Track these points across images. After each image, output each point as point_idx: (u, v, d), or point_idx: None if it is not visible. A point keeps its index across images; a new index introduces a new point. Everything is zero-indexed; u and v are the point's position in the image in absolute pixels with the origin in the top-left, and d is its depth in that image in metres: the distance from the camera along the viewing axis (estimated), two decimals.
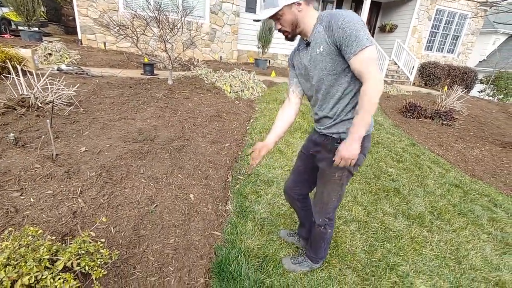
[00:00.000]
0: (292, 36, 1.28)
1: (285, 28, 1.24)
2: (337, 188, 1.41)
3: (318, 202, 1.51)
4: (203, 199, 2.18)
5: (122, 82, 4.15)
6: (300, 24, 1.22)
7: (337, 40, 1.11)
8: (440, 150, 4.29)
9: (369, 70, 1.08)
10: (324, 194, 1.45)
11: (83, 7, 6.46)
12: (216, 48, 8.14)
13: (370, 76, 1.09)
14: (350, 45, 1.08)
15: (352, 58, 1.10)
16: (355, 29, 1.07)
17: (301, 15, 1.21)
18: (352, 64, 1.12)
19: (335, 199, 1.46)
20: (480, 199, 3.08)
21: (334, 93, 1.26)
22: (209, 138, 3.12)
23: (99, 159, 2.20)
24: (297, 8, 1.19)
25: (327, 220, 1.53)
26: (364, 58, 1.08)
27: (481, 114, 6.91)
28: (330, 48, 1.16)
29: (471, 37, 12.38)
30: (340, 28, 1.09)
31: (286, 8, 1.18)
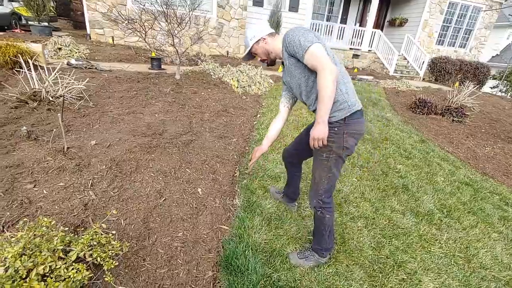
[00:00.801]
0: (270, 62, 1.63)
1: (262, 58, 1.62)
2: (326, 169, 1.54)
3: (312, 184, 1.66)
4: (211, 193, 2.19)
5: (131, 77, 4.17)
6: (270, 51, 1.57)
7: (291, 52, 1.41)
8: (450, 147, 4.22)
9: (316, 64, 1.30)
10: (316, 175, 1.60)
11: (92, 1, 6.49)
12: (223, 42, 8.10)
13: (318, 68, 1.30)
14: (298, 52, 1.35)
15: (304, 61, 1.36)
16: (296, 40, 1.34)
17: (269, 47, 1.56)
18: (307, 65, 1.37)
19: (325, 181, 1.57)
20: (491, 197, 3.02)
21: (312, 93, 1.49)
22: (217, 133, 3.13)
23: (109, 152, 2.23)
24: (263, 42, 1.56)
25: (321, 203, 1.61)
26: (309, 57, 1.31)
27: (493, 111, 6.74)
28: (291, 59, 1.46)
29: (485, 31, 12.02)
30: (288, 44, 1.39)
31: (255, 45, 1.57)
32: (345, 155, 1.51)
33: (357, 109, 1.45)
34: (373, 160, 3.32)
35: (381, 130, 4.35)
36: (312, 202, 1.66)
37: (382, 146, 3.77)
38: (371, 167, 3.16)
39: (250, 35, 1.57)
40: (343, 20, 11.93)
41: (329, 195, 1.62)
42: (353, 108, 1.43)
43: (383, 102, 5.91)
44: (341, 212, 2.31)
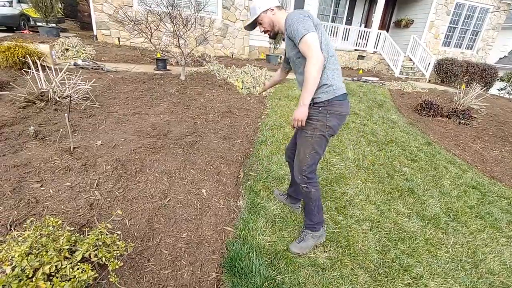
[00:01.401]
0: (273, 34, 1.71)
1: (266, 28, 1.67)
2: (310, 146, 1.66)
3: (296, 161, 1.77)
4: (215, 194, 2.19)
5: (136, 77, 4.21)
6: (275, 24, 1.64)
7: (289, 35, 1.51)
8: (457, 150, 4.16)
9: (306, 52, 1.43)
10: (301, 151, 1.71)
11: (99, 3, 6.56)
12: (228, 43, 8.12)
13: (308, 56, 1.43)
14: (295, 37, 1.46)
15: (298, 46, 1.47)
16: (295, 25, 1.44)
17: (275, 18, 1.63)
18: (300, 49, 1.47)
19: (308, 157, 1.68)
20: (499, 201, 2.97)
21: (301, 71, 1.57)
22: (221, 134, 3.13)
23: (114, 152, 2.25)
24: (271, 13, 1.63)
25: (306, 179, 1.72)
26: (303, 44, 1.43)
27: (501, 113, 6.64)
28: (290, 41, 1.56)
29: (492, 32, 11.87)
30: (288, 27, 1.49)
31: (263, 14, 1.63)
32: (328, 134, 1.64)
33: (341, 92, 1.59)
34: (378, 163, 3.29)
35: (387, 132, 4.31)
36: (297, 179, 1.77)
37: (388, 148, 3.74)
38: (376, 169, 3.13)
39: (259, 3, 1.61)
40: (348, 21, 11.87)
41: (312, 171, 1.74)
42: (337, 92, 1.57)
43: (388, 104, 5.87)
44: (346, 215, 2.29)
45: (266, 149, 3.10)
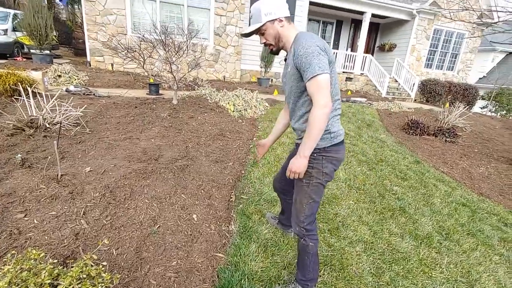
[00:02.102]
0: (276, 50, 1.42)
1: (269, 42, 1.39)
2: (306, 196, 1.47)
3: (293, 210, 1.58)
4: (206, 219, 2.16)
5: (128, 102, 4.25)
6: (282, 38, 1.38)
7: (298, 65, 1.28)
8: (445, 167, 4.25)
9: (316, 96, 1.23)
10: (297, 201, 1.53)
11: (93, 31, 6.76)
12: (220, 68, 8.36)
13: (315, 100, 1.23)
14: (305, 71, 1.24)
15: (307, 83, 1.26)
16: (309, 59, 1.22)
17: (283, 31, 1.36)
18: (307, 88, 1.27)
19: (306, 207, 1.49)
20: (489, 218, 3.01)
21: (297, 109, 1.44)
22: (213, 157, 3.13)
23: (103, 179, 2.21)
24: (279, 24, 1.35)
25: (304, 231, 1.53)
26: (313, 84, 1.23)
27: (484, 131, 6.89)
28: (294, 70, 1.32)
29: (470, 55, 12.60)
30: (299, 55, 1.25)
31: (269, 24, 1.34)
32: (325, 180, 1.46)
33: (340, 140, 1.44)
34: (369, 182, 3.32)
35: (376, 151, 4.39)
36: (295, 229, 1.58)
37: (378, 167, 3.79)
38: (367, 189, 3.15)
39: (266, 9, 1.31)
40: (335, 45, 12.48)
41: (311, 222, 1.53)
42: (336, 139, 1.42)
43: (376, 124, 6.03)
44: (338, 237, 2.27)
45: (258, 171, 3.10)
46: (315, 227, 1.57)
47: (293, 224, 1.59)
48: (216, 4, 7.70)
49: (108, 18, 6.78)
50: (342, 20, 12.20)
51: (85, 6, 6.56)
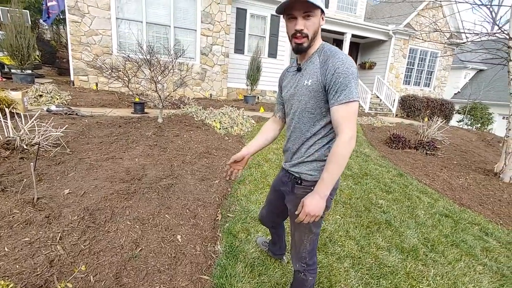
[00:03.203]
0: (307, 45, 1.16)
1: (307, 32, 1.12)
2: (307, 232, 1.31)
3: (292, 245, 1.43)
4: (191, 240, 2.10)
5: (112, 122, 4.18)
6: (317, 35, 1.17)
7: (328, 81, 1.09)
8: (427, 179, 4.37)
9: (347, 124, 1.07)
10: (296, 236, 1.38)
11: (78, 51, 6.74)
12: (206, 86, 8.45)
13: (349, 131, 1.06)
14: (339, 93, 1.07)
15: (336, 106, 1.08)
16: (349, 79, 1.07)
17: (319, 30, 1.17)
18: (334, 112, 1.09)
19: (307, 243, 1.35)
20: (471, 228, 3.08)
21: (304, 131, 1.23)
22: (198, 175, 3.10)
23: (82, 201, 2.13)
24: (321, 20, 1.15)
25: (305, 266, 1.39)
26: (347, 111, 1.07)
27: (462, 143, 7.20)
28: (318, 86, 1.13)
29: (444, 72, 13.40)
30: (336, 72, 1.07)
31: (320, 12, 1.12)
32: (325, 213, 1.27)
33: None
34: (355, 196, 3.36)
35: (361, 165, 4.48)
36: (295, 266, 1.44)
37: (363, 181, 3.85)
38: (353, 203, 3.18)
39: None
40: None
41: (313, 255, 1.41)
42: None
43: (360, 138, 6.19)
44: (326, 253, 2.25)
45: (245, 188, 3.08)
46: (316, 259, 1.44)
47: (293, 261, 1.44)
48: (203, 25, 7.91)
49: (94, 38, 6.81)
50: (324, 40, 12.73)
51: (70, 27, 6.57)
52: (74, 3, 6.47)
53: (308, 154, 1.24)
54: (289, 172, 1.34)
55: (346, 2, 12.16)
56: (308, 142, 1.23)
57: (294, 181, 1.30)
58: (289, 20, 1.13)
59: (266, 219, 1.76)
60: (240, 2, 8.78)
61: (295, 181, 1.30)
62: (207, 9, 7.86)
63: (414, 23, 11.67)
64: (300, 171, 1.27)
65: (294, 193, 1.31)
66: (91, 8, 6.64)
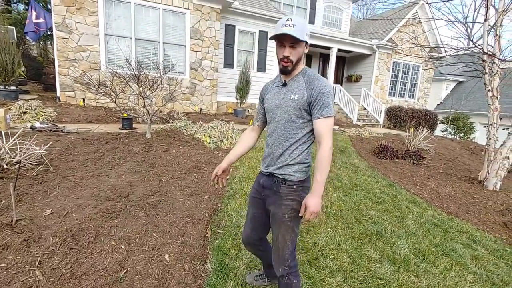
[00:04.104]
0: (291, 69, 1.40)
1: (292, 58, 1.36)
2: (289, 230, 1.44)
3: (275, 252, 1.51)
4: (180, 259, 2.03)
5: (99, 138, 4.10)
6: (300, 62, 1.41)
7: (313, 99, 1.34)
8: (415, 189, 4.44)
9: (328, 135, 1.34)
10: (280, 240, 1.46)
11: (65, 67, 6.67)
12: (196, 100, 8.47)
13: (324, 139, 1.33)
14: (322, 108, 1.34)
15: (319, 120, 1.34)
16: (329, 99, 1.35)
17: (302, 57, 1.40)
18: (317, 124, 1.35)
19: (289, 243, 1.46)
20: (460, 236, 3.11)
21: (289, 137, 1.42)
22: (187, 191, 3.04)
23: (65, 222, 2.05)
24: (304, 49, 1.39)
25: (287, 269, 1.47)
26: (328, 124, 1.34)
27: (447, 152, 7.40)
28: (303, 100, 1.36)
29: (426, 84, 13.94)
30: (321, 92, 1.33)
31: (304, 44, 1.36)
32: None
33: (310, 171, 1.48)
34: (345, 208, 3.36)
35: (350, 176, 4.52)
36: (278, 272, 1.49)
37: (353, 192, 3.87)
38: (344, 215, 3.18)
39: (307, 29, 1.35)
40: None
41: (293, 257, 1.50)
42: (309, 172, 1.48)
43: (349, 149, 6.27)
44: (318, 267, 2.22)
45: (235, 202, 3.04)
46: (296, 263, 1.53)
47: (276, 266, 1.50)
48: (192, 41, 8.03)
49: (81, 54, 6.78)
50: (311, 54, 13.15)
51: (57, 43, 6.54)
52: (62, 20, 6.47)
53: (292, 158, 1.42)
54: (273, 175, 1.47)
55: (331, 18, 12.67)
56: (291, 147, 1.42)
57: (279, 181, 1.44)
58: (279, 46, 1.37)
59: (252, 239, 1.68)
60: (229, 18, 9.00)
61: (280, 181, 1.44)
62: (196, 26, 8.00)
63: (395, 38, 12.21)
64: (284, 172, 1.43)
65: (279, 193, 1.44)
66: (79, 25, 6.65)
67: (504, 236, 3.32)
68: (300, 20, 1.32)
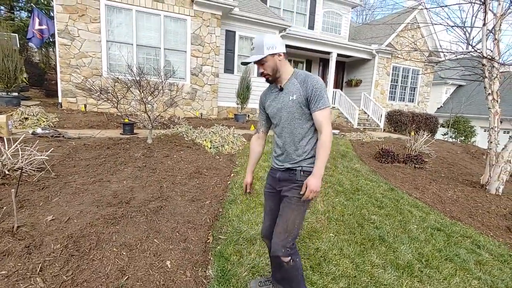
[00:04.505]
0: (272, 79, 1.58)
1: (267, 72, 1.54)
2: (300, 214, 1.59)
3: (281, 234, 1.57)
4: (181, 265, 2.02)
5: (100, 143, 4.11)
6: (279, 70, 1.55)
7: (309, 95, 1.49)
8: (417, 193, 4.42)
9: (326, 123, 1.48)
10: (289, 221, 1.56)
11: (66, 74, 6.72)
12: (197, 105, 8.51)
13: (324, 128, 1.48)
14: (318, 101, 1.48)
15: (317, 112, 1.49)
16: (323, 92, 1.49)
17: (281, 64, 1.54)
18: (316, 116, 1.50)
19: (297, 226, 1.58)
20: (463, 241, 3.09)
21: (297, 134, 1.57)
22: (189, 196, 3.04)
23: (66, 228, 2.04)
24: (278, 58, 1.52)
25: (289, 250, 1.56)
26: (325, 114, 1.49)
27: (448, 156, 7.39)
28: (302, 98, 1.51)
29: (426, 88, 13.98)
30: (314, 88, 1.48)
31: (270, 57, 1.50)
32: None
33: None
34: (347, 213, 3.34)
35: (352, 181, 4.50)
36: (280, 252, 1.54)
37: (355, 197, 3.86)
38: (346, 219, 3.16)
39: (269, 42, 1.48)
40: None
41: (295, 241, 1.64)
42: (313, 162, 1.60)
43: (350, 154, 6.26)
44: (321, 273, 2.19)
45: (236, 208, 3.03)
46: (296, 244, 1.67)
47: (278, 247, 1.55)
48: (192, 46, 8.09)
49: (83, 60, 6.83)
50: (311, 59, 13.24)
51: (59, 50, 6.60)
52: (64, 27, 6.54)
53: (306, 152, 1.58)
54: (291, 169, 1.61)
55: (330, 23, 12.77)
56: (302, 142, 1.58)
57: (299, 172, 1.59)
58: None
59: (270, 232, 1.73)
60: (229, 24, 9.08)
61: (299, 172, 1.59)
62: (197, 32, 8.08)
63: (395, 43, 12.29)
64: (302, 165, 1.59)
65: (298, 181, 1.57)
66: (82, 32, 6.72)
67: (508, 240, 3.29)
68: (258, 39, 1.50)
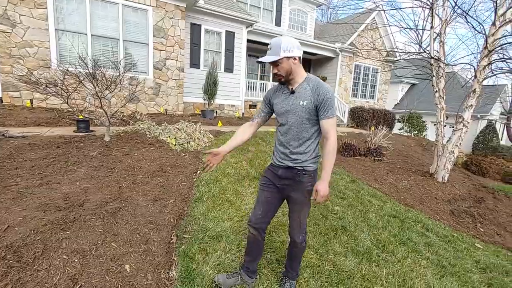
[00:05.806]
0: (285, 81, 1.67)
1: (281, 73, 1.62)
2: (308, 207, 1.84)
3: (297, 225, 1.82)
4: (142, 268, 1.91)
5: (49, 142, 3.73)
6: (293, 73, 1.63)
7: (319, 103, 1.60)
8: (376, 184, 4.72)
9: (333, 131, 1.62)
10: (301, 216, 1.81)
11: (7, 64, 5.98)
12: (161, 101, 8.13)
13: (330, 135, 1.61)
14: (327, 111, 1.60)
15: (325, 120, 1.61)
16: (332, 102, 1.61)
17: (295, 68, 1.62)
18: (324, 124, 1.62)
19: (306, 216, 1.86)
20: (415, 226, 3.37)
21: (302, 137, 1.70)
22: (151, 195, 2.89)
23: (5, 237, 1.81)
24: (293, 62, 1.60)
25: (304, 235, 1.87)
26: (332, 123, 1.63)
27: (403, 148, 8.00)
28: (311, 105, 1.62)
29: (384, 86, 14.96)
30: (325, 97, 1.59)
31: (285, 59, 1.58)
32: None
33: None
34: (312, 205, 3.44)
35: None
36: (299, 239, 1.84)
37: None
38: (311, 212, 3.25)
39: (286, 45, 1.55)
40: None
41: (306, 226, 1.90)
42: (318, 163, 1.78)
43: None
44: None
45: (202, 206, 2.96)
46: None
47: (297, 236, 1.84)
48: (155, 39, 7.69)
49: (27, 50, 6.13)
50: None
51: None
52: (3, 11, 5.80)
53: (309, 153, 1.71)
54: (293, 168, 1.72)
55: (297, 21, 13.02)
56: (306, 143, 1.70)
57: (301, 172, 1.71)
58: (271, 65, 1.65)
59: (262, 221, 1.84)
60: (194, 17, 8.80)
61: (301, 172, 1.71)
62: (160, 23, 7.69)
63: (356, 42, 12.93)
64: (303, 165, 1.71)
65: (302, 182, 1.72)
66: (24, 18, 6.00)
67: (452, 222, 3.66)
68: (276, 40, 1.57)
